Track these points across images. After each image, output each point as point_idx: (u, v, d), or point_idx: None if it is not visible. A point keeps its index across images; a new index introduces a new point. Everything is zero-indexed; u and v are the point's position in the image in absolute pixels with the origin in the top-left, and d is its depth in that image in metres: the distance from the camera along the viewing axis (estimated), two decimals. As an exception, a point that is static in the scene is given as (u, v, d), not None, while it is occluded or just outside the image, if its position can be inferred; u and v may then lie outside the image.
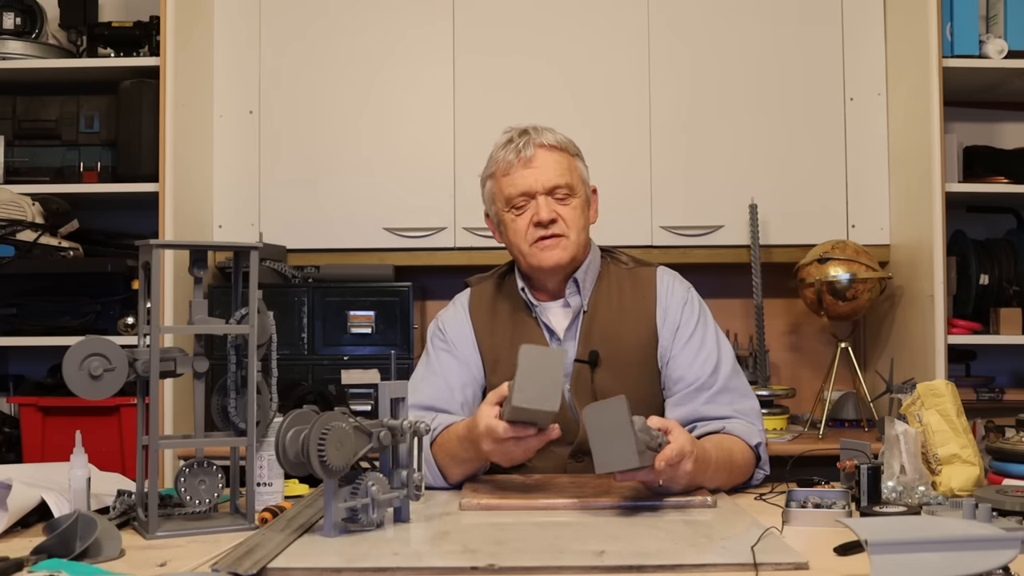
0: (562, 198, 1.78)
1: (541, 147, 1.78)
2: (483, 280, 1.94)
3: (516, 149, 1.78)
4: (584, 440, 1.69)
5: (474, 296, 1.92)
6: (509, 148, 1.79)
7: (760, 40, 2.98)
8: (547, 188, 1.77)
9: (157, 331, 1.37)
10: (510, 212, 1.80)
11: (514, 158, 1.78)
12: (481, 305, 1.89)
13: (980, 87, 2.96)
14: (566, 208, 1.78)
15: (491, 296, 1.90)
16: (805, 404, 3.05)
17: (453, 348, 1.86)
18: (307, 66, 2.98)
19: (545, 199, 1.77)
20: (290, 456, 1.33)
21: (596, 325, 1.82)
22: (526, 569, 1.15)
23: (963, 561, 1.02)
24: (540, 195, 1.77)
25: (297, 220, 2.96)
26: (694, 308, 1.84)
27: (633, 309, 1.83)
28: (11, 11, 2.86)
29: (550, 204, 1.77)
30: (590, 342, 1.80)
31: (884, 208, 2.97)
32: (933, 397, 1.57)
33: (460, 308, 1.91)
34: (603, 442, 1.39)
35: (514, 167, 1.78)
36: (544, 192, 1.77)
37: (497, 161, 1.81)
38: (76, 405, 2.60)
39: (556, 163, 1.78)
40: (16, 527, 1.38)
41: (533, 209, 1.77)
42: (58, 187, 2.81)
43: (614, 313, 1.83)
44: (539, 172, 1.77)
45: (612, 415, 1.38)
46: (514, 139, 1.80)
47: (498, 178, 1.81)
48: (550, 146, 1.79)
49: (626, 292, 1.85)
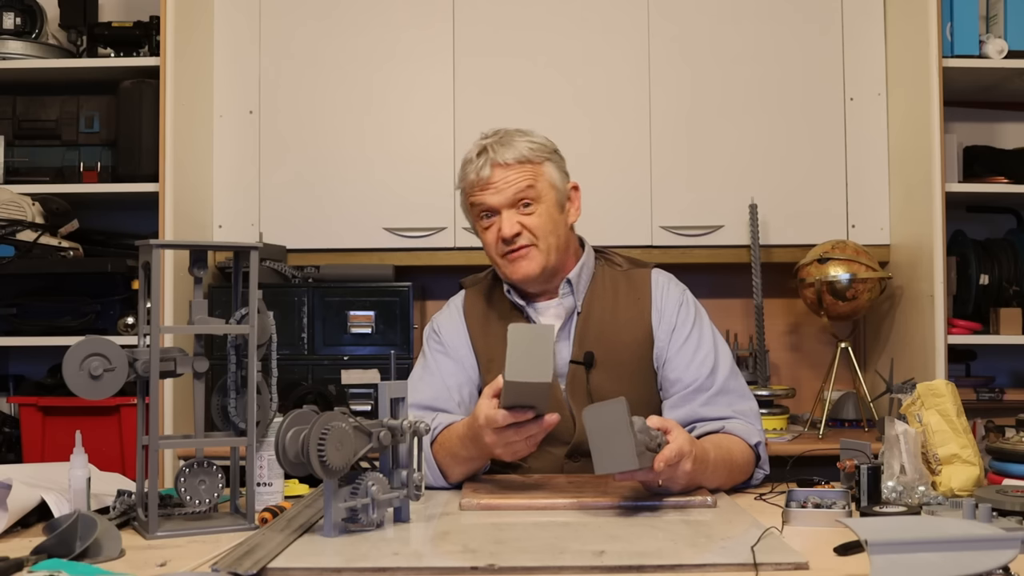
0: (527, 207, 1.78)
1: (498, 166, 1.77)
2: (477, 282, 1.95)
3: (476, 169, 1.79)
4: (580, 440, 1.72)
5: (468, 298, 1.93)
6: (470, 167, 1.80)
7: (760, 40, 2.98)
8: (509, 201, 1.77)
9: (157, 331, 1.37)
10: (479, 223, 1.83)
11: (475, 178, 1.79)
12: (475, 307, 1.90)
13: (980, 87, 2.96)
14: (531, 218, 1.78)
15: (485, 297, 1.91)
16: (805, 404, 3.05)
17: (448, 349, 1.87)
18: (307, 66, 2.99)
19: (508, 212, 1.77)
20: (290, 456, 1.33)
21: (591, 326, 1.82)
22: (526, 569, 1.15)
23: (963, 561, 1.02)
24: (504, 209, 1.77)
25: (297, 220, 2.96)
26: (690, 309, 1.84)
27: (628, 310, 1.83)
28: (11, 11, 2.86)
29: (513, 218, 1.77)
30: (585, 343, 1.80)
31: (884, 208, 2.97)
32: (933, 397, 1.57)
33: (455, 310, 1.92)
34: (602, 443, 1.39)
35: (475, 186, 1.79)
36: (507, 206, 1.77)
37: (462, 177, 1.83)
38: (76, 405, 2.60)
39: (516, 178, 1.77)
40: (16, 527, 1.38)
41: (496, 225, 1.79)
42: (58, 187, 2.81)
43: (608, 314, 1.83)
44: (497, 191, 1.77)
45: (611, 416, 1.38)
46: (473, 159, 1.80)
47: (465, 192, 1.83)
48: (506, 164, 1.77)
49: (621, 293, 1.85)
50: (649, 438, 1.41)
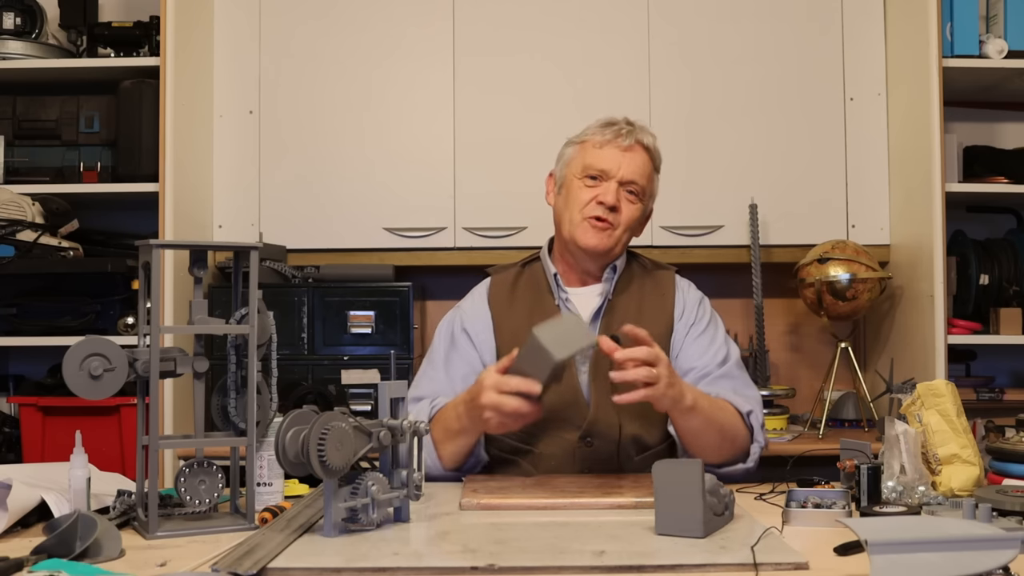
0: (631, 195, 1.85)
1: (639, 143, 1.86)
2: (505, 268, 1.99)
3: (617, 131, 1.85)
4: (592, 423, 1.78)
5: (494, 284, 1.96)
6: (611, 128, 1.86)
7: (760, 40, 2.98)
8: (624, 179, 1.84)
9: (157, 331, 1.37)
10: (581, 180, 1.86)
11: (613, 137, 1.85)
12: (501, 292, 1.94)
13: (980, 87, 2.96)
14: (629, 205, 1.85)
15: (512, 283, 1.95)
16: (805, 404, 3.05)
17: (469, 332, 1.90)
18: (307, 66, 2.98)
19: (617, 187, 1.83)
20: (290, 456, 1.33)
21: (617, 314, 1.86)
22: (526, 569, 1.15)
23: (963, 561, 1.02)
24: (615, 180, 1.84)
25: (297, 220, 2.96)
26: (707, 309, 1.94)
27: (652, 305, 1.90)
28: (11, 11, 2.86)
29: (619, 194, 1.84)
30: (611, 328, 1.85)
31: (884, 208, 2.96)
32: (933, 397, 1.57)
33: (479, 297, 1.96)
34: (668, 502, 1.32)
35: (609, 144, 1.85)
36: (620, 181, 1.84)
37: (594, 132, 1.88)
38: (76, 405, 2.60)
39: (643, 163, 1.86)
40: (16, 527, 1.38)
41: (601, 190, 1.83)
42: (58, 187, 2.80)
43: (634, 304, 1.89)
44: (627, 161, 1.84)
45: (684, 476, 1.31)
46: (619, 123, 1.87)
47: (587, 146, 1.87)
48: (645, 147, 1.87)
49: (646, 289, 1.92)
50: (717, 500, 1.35)
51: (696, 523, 1.29)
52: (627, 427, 1.79)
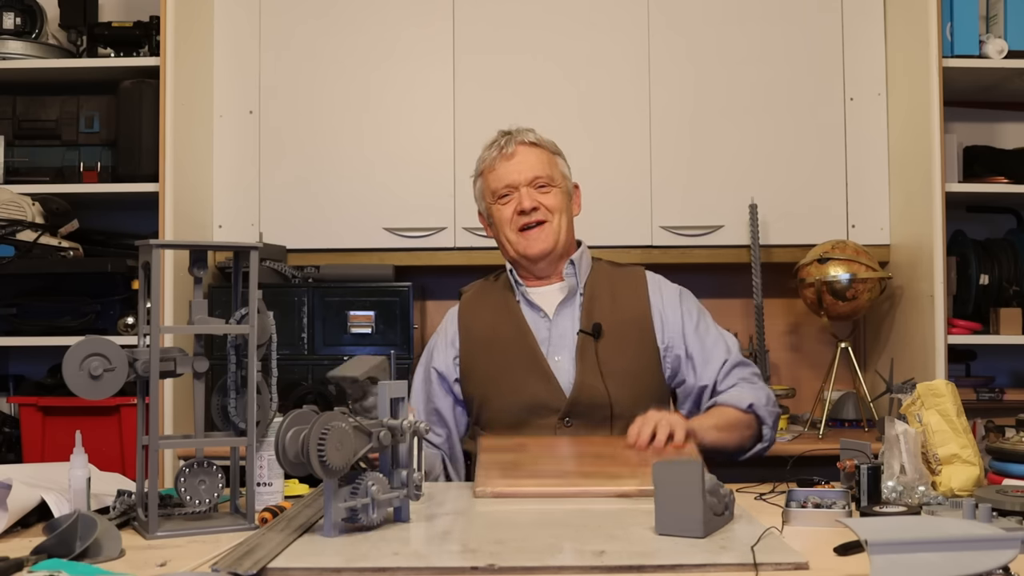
0: (543, 187, 1.96)
1: (522, 144, 1.98)
2: (474, 284, 2.11)
3: (499, 147, 1.99)
4: (571, 404, 1.87)
5: (464, 300, 2.08)
6: (493, 147, 2.00)
7: (760, 40, 2.98)
8: (528, 180, 1.95)
9: (157, 331, 1.37)
10: (496, 203, 1.98)
11: (497, 154, 1.98)
12: (471, 305, 2.05)
13: (980, 87, 2.96)
14: (547, 196, 1.96)
15: (481, 293, 2.07)
16: (805, 404, 3.05)
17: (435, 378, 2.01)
18: (307, 66, 2.98)
19: (527, 190, 1.95)
20: (290, 456, 1.33)
21: (595, 305, 1.96)
22: (526, 569, 1.15)
23: (963, 561, 1.02)
24: (522, 186, 1.95)
25: (297, 220, 2.96)
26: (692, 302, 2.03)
27: (626, 295, 1.99)
28: (11, 11, 2.86)
29: (531, 194, 1.95)
30: (592, 318, 1.94)
31: (884, 208, 2.96)
32: (933, 397, 1.57)
33: (449, 320, 2.06)
34: (669, 503, 1.32)
35: (498, 162, 1.98)
36: (526, 183, 1.95)
37: (483, 160, 2.02)
38: (76, 405, 2.60)
39: (536, 157, 1.98)
40: (16, 527, 1.38)
41: (517, 200, 1.95)
42: (58, 187, 2.80)
43: (608, 296, 1.98)
44: (520, 165, 1.96)
45: (684, 477, 1.31)
46: (497, 139, 2.00)
47: (485, 174, 2.01)
48: (530, 143, 1.99)
49: (618, 282, 2.02)
50: (717, 500, 1.35)
51: (696, 523, 1.29)
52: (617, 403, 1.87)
